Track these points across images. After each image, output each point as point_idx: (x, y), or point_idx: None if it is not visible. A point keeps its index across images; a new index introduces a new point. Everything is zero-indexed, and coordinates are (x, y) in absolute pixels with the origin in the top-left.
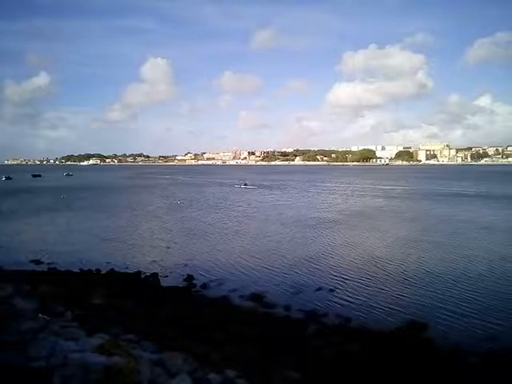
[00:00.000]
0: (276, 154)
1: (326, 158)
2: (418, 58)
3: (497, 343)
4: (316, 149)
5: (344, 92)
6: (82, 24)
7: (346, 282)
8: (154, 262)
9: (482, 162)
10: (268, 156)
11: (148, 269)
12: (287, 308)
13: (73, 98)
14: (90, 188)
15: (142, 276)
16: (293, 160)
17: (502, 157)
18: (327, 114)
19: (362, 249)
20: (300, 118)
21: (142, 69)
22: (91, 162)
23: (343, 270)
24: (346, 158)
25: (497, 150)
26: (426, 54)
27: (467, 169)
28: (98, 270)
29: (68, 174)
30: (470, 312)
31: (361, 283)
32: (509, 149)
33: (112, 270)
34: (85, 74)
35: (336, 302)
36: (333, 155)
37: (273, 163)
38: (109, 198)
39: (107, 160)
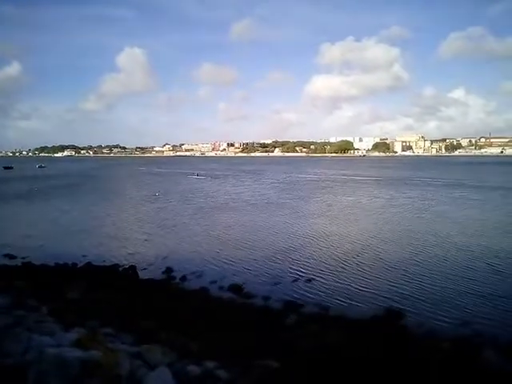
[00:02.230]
0: (255, 145)
1: (305, 150)
2: (393, 51)
3: (468, 328)
4: (295, 140)
5: (322, 84)
6: (55, 12)
7: (323, 271)
8: (132, 254)
9: (456, 153)
10: (247, 147)
11: (126, 261)
12: (266, 298)
13: (46, 87)
14: (63, 179)
15: (120, 269)
16: (272, 151)
17: (475, 148)
18: (306, 105)
19: (335, 238)
20: (279, 109)
21: (118, 58)
22: (66, 153)
23: (320, 260)
24: (325, 149)
25: (470, 141)
26: (402, 46)
27: (440, 160)
28: (74, 264)
29: (41, 166)
30: (442, 298)
31: (337, 272)
32: (482, 140)
33: (88, 263)
34: (59, 63)
35: (314, 292)
36: (312, 147)
37: (252, 155)
38: (84, 189)
39: (82, 151)
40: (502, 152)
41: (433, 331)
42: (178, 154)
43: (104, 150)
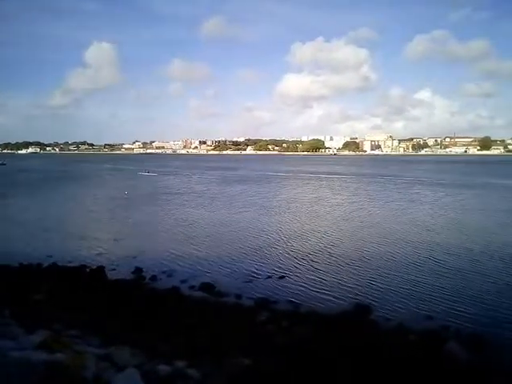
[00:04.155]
0: (228, 143)
1: (277, 148)
2: (362, 52)
3: (433, 321)
4: (268, 138)
5: (293, 83)
6: (19, 4)
7: (295, 268)
8: (100, 254)
9: (423, 152)
10: (219, 145)
11: (93, 262)
12: (238, 296)
13: (9, 82)
14: (27, 176)
15: (87, 270)
16: (245, 149)
17: (441, 147)
18: (278, 103)
19: (302, 234)
20: (251, 107)
21: (85, 53)
22: (30, 150)
23: (289, 257)
24: (297, 147)
25: (436, 140)
26: (370, 48)
27: (407, 159)
28: (39, 265)
29: (2, 164)
30: (409, 293)
31: (308, 269)
32: (447, 140)
33: (54, 263)
34: (23, 57)
35: (286, 289)
36: (284, 145)
37: (224, 152)
38: (46, 187)
39: (48, 148)
40: (465, 151)
41: (399, 325)
42: (148, 151)
43: (71, 147)
